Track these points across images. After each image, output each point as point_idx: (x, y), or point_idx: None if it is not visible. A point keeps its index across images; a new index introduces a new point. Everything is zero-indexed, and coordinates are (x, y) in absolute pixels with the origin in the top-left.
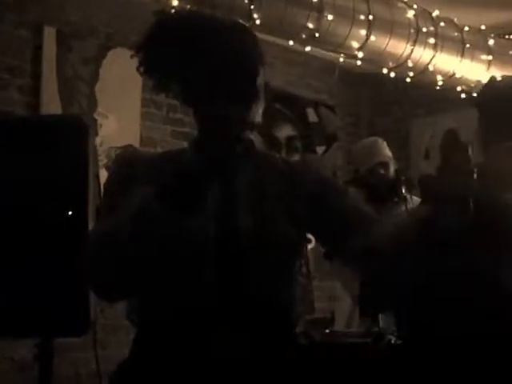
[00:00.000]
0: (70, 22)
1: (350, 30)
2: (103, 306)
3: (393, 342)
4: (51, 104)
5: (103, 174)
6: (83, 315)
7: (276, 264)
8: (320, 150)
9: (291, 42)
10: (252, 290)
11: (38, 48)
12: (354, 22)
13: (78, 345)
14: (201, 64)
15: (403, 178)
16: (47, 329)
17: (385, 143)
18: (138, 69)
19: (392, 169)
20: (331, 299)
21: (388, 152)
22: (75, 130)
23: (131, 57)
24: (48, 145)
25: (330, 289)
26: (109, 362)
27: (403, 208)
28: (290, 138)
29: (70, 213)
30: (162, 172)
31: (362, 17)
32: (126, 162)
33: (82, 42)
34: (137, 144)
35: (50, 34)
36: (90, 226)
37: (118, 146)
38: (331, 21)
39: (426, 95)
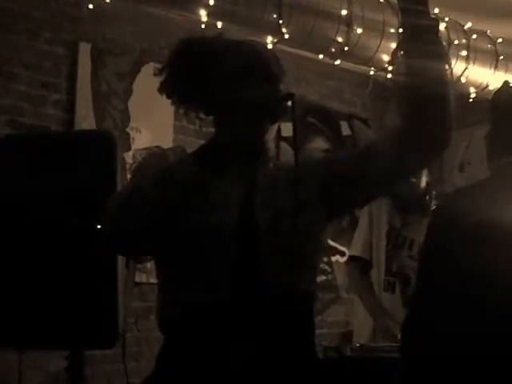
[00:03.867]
0: (104, 38)
1: (380, 43)
2: (136, 318)
3: None
4: (85, 119)
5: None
6: (111, 328)
7: (293, 254)
8: None
9: (321, 56)
10: (270, 281)
11: (74, 64)
12: (384, 35)
13: (111, 357)
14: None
15: (434, 192)
16: (76, 341)
17: None
18: (159, 89)
19: (424, 181)
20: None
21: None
22: (102, 145)
23: (154, 75)
24: (75, 160)
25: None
26: (142, 374)
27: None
28: (322, 152)
29: (99, 226)
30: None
31: (392, 30)
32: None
33: (116, 57)
34: None
35: (84, 50)
36: None
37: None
38: (360, 34)
39: (459, 107)
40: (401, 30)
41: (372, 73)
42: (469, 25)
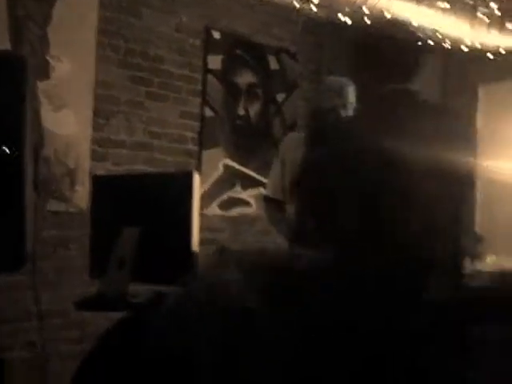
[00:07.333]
0: None
1: None
2: (54, 247)
3: None
4: (0, 44)
5: None
6: (16, 250)
7: None
8: (280, 97)
9: None
10: None
11: None
12: None
13: (29, 284)
14: None
15: None
16: None
17: (352, 87)
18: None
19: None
20: None
21: (352, 97)
22: (9, 65)
23: None
24: None
25: None
26: (60, 302)
27: None
28: (250, 85)
29: (5, 149)
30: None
31: None
32: None
33: None
34: (91, 88)
35: None
36: (27, 161)
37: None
38: None
39: None
40: None
41: (298, 6)
42: None
